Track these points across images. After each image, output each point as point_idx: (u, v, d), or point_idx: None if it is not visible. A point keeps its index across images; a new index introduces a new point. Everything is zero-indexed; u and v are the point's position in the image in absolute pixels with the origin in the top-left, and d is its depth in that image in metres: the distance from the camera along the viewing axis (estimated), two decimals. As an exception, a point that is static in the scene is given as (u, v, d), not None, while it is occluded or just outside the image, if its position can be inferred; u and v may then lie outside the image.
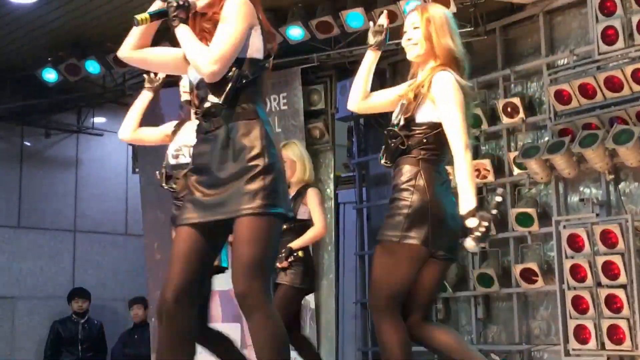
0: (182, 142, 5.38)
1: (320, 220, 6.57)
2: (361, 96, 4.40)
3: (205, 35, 3.54)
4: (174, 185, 5.26)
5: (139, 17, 3.34)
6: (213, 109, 3.45)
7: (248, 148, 3.40)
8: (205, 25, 3.58)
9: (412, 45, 4.28)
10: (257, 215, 3.35)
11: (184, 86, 5.32)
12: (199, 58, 3.42)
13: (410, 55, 4.31)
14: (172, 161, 5.41)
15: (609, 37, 7.24)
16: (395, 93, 4.38)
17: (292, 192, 6.50)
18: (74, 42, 9.64)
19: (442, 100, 4.13)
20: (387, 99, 4.42)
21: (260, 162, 3.39)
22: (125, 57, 3.69)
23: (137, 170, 10.84)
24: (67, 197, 11.69)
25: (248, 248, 3.34)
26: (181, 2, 3.51)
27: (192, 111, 4.64)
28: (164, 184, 5.32)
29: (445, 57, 4.24)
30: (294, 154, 6.68)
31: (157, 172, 5.37)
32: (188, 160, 4.86)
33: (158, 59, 3.75)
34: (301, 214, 6.54)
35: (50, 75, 9.93)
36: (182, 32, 3.50)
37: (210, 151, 3.46)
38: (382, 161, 4.28)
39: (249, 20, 3.44)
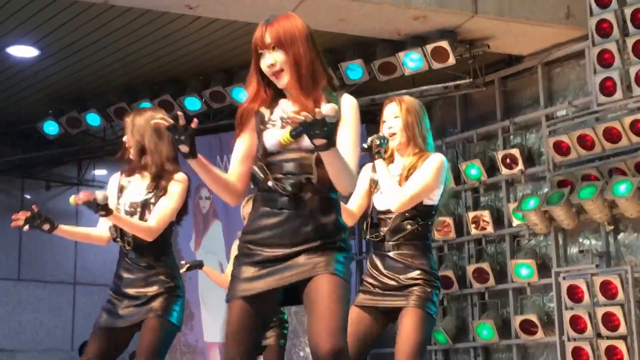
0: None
1: None
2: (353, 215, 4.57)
3: None
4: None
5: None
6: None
7: None
8: None
9: (393, 133, 4.51)
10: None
11: None
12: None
13: (392, 144, 4.52)
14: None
15: (607, 88, 7.28)
16: (366, 181, 4.57)
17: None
18: (75, 95, 9.72)
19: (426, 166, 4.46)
20: (366, 191, 4.58)
21: None
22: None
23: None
24: (67, 249, 11.68)
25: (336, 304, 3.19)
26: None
27: None
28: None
29: (423, 144, 4.53)
30: None
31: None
32: None
33: None
34: None
35: (51, 128, 9.98)
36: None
37: None
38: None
39: None
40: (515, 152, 8.19)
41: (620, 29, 7.26)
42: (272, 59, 3.18)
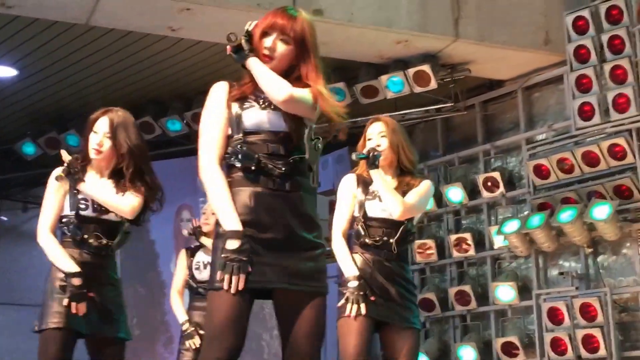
0: None
1: None
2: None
3: None
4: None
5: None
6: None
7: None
8: None
9: (381, 151, 4.65)
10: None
11: None
12: None
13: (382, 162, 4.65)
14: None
15: (585, 112, 7.38)
16: (349, 197, 4.73)
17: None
18: (55, 115, 9.68)
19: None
20: (351, 206, 4.72)
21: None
22: None
23: (117, 243, 10.80)
24: (45, 272, 11.57)
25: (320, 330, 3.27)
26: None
27: None
28: None
29: (410, 161, 4.74)
30: None
31: None
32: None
33: None
34: None
35: (29, 149, 9.91)
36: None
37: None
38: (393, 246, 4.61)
39: None
40: (496, 175, 8.25)
41: (598, 54, 7.36)
42: (272, 43, 3.25)
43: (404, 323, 4.56)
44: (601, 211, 7.08)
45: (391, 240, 4.57)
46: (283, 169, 3.19)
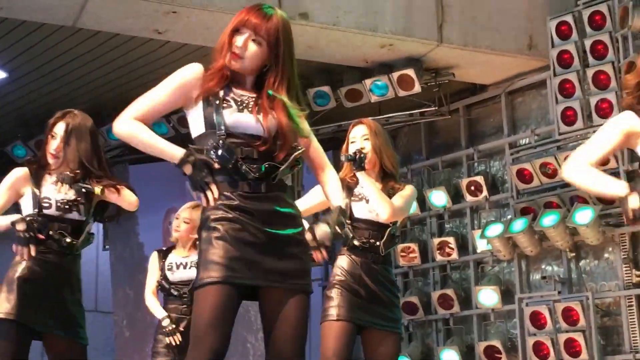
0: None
1: None
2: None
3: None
4: None
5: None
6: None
7: None
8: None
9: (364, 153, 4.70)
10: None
11: None
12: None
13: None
14: None
15: (568, 117, 7.44)
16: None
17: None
18: (43, 118, 9.58)
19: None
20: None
21: None
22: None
23: (107, 247, 10.85)
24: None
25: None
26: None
27: None
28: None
29: (393, 165, 4.78)
30: None
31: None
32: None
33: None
34: None
35: (19, 151, 9.90)
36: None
37: None
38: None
39: None
40: (480, 179, 8.29)
41: (581, 59, 7.42)
42: (243, 42, 3.17)
43: (387, 327, 4.60)
44: (584, 216, 7.13)
45: (378, 243, 4.61)
46: (257, 174, 3.15)
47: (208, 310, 3.07)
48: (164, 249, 6.73)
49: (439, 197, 8.62)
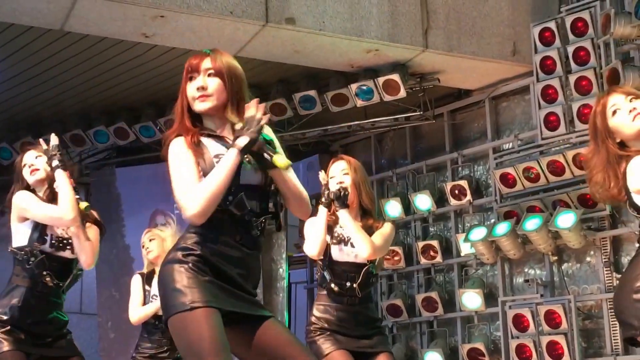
0: None
1: None
2: (322, 245, 4.76)
3: None
4: None
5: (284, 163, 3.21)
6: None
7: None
8: None
9: (344, 188, 4.78)
10: None
11: None
12: None
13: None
14: None
15: (551, 122, 7.51)
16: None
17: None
18: (30, 121, 9.69)
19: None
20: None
21: None
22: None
23: (92, 248, 10.82)
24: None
25: None
26: None
27: None
28: None
29: (371, 201, 4.87)
30: None
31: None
32: None
33: None
34: None
35: (5, 153, 9.91)
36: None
37: None
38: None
39: None
40: (464, 183, 8.36)
41: (563, 66, 7.49)
42: (203, 82, 3.30)
43: (379, 351, 4.70)
44: (566, 220, 7.21)
45: (354, 285, 4.69)
46: (258, 230, 3.25)
47: (205, 332, 3.00)
48: (146, 273, 6.66)
49: (423, 201, 8.68)
